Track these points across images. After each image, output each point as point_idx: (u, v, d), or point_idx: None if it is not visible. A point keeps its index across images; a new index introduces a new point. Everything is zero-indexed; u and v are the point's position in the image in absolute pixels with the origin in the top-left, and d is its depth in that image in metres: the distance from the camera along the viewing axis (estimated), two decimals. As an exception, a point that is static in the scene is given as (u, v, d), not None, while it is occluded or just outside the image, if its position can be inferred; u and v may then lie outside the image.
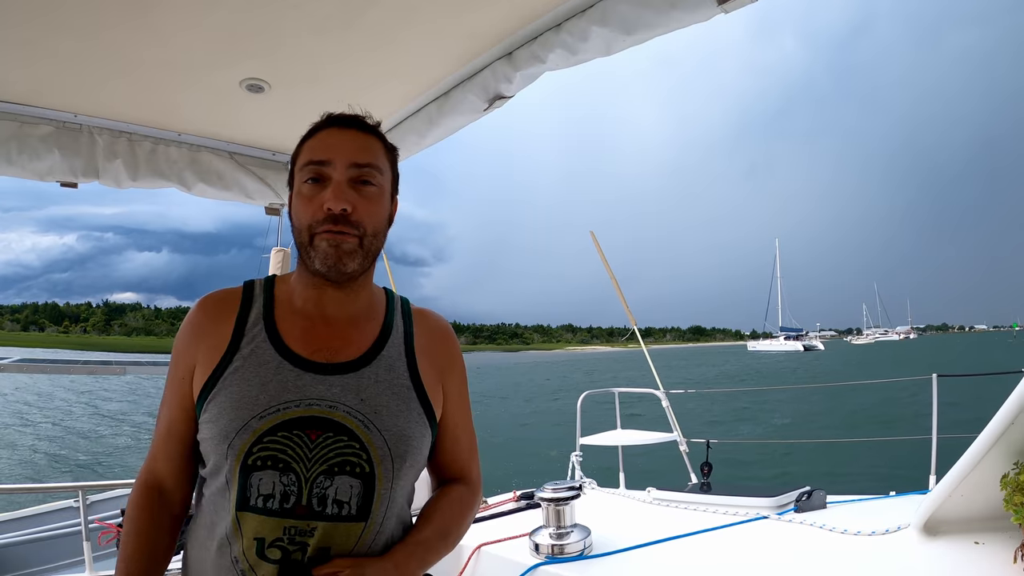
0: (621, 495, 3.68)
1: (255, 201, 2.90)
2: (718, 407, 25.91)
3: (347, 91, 2.34)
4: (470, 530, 3.18)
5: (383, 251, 1.43)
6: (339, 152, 1.33)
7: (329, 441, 1.24)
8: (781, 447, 14.90)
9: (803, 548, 2.39)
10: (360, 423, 1.27)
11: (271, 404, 1.24)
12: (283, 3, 1.81)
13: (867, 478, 10.99)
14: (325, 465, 1.24)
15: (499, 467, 14.90)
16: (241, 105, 2.44)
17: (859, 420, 19.15)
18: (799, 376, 44.83)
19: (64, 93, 2.30)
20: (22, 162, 2.38)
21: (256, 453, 1.22)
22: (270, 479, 1.22)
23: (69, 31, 1.91)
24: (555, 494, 2.59)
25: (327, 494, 1.23)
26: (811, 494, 2.93)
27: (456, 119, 2.31)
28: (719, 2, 1.61)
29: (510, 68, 2.04)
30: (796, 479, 3.45)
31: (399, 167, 1.50)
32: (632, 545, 2.57)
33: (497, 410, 31.50)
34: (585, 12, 1.82)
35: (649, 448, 5.76)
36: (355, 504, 1.25)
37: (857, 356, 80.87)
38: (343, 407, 1.27)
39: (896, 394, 21.76)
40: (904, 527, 2.32)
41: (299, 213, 1.32)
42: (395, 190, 1.46)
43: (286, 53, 2.07)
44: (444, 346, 1.51)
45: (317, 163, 1.33)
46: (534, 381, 54.58)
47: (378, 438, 1.28)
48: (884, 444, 11.38)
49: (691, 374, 54.98)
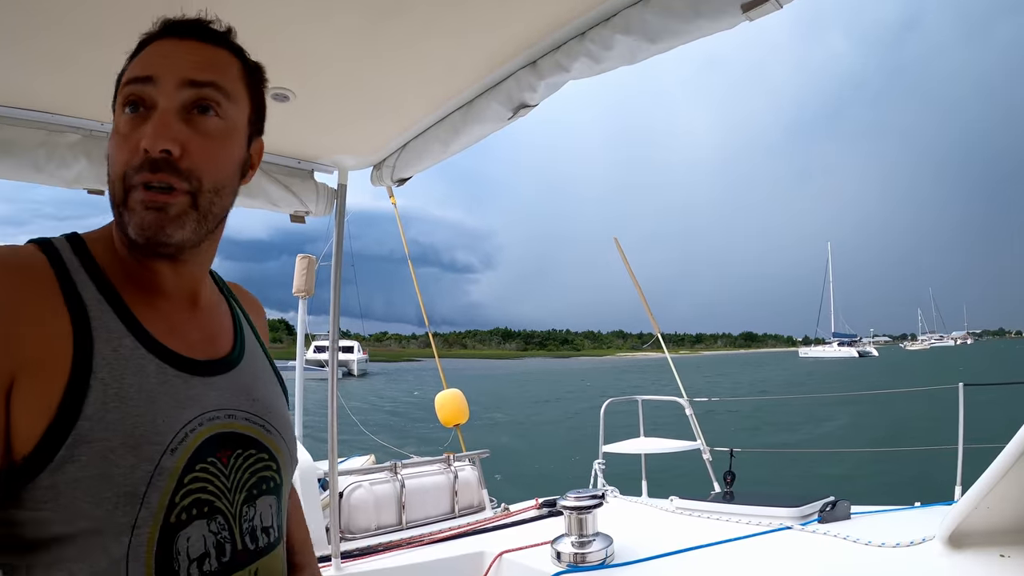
0: (644, 503, 3.68)
1: (280, 209, 2.91)
2: (768, 415, 25.63)
3: (371, 99, 2.35)
4: (492, 537, 3.20)
5: (408, 255, 1.27)
6: (168, 67, 0.95)
7: (240, 460, 0.97)
8: (806, 456, 14.77)
9: (827, 559, 2.38)
10: (261, 428, 1.02)
11: (176, 429, 0.89)
12: (310, 14, 1.82)
13: (891, 488, 10.88)
14: (245, 492, 0.96)
15: (526, 471, 14.93)
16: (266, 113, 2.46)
17: (905, 429, 18.86)
18: (861, 384, 44.18)
19: (91, 102, 2.32)
20: (50, 169, 2.40)
21: (180, 503, 0.87)
22: (199, 533, 0.88)
23: (97, 41, 1.93)
24: (578, 502, 2.59)
25: (255, 525, 0.97)
26: (835, 504, 2.91)
27: (480, 128, 2.31)
28: (744, 10, 1.60)
29: (534, 77, 2.04)
30: (820, 489, 3.43)
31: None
32: (655, 554, 2.56)
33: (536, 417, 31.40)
34: (609, 20, 1.82)
35: (672, 456, 5.75)
36: (276, 525, 1.02)
37: (914, 362, 79.48)
38: (242, 414, 1.00)
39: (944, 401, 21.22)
40: (929, 539, 2.30)
41: (112, 156, 0.96)
42: (256, 128, 1.12)
43: (312, 63, 2.09)
44: (263, 320, 1.29)
45: (137, 81, 0.95)
46: (575, 386, 54.52)
47: (279, 440, 1.05)
48: (909, 454, 11.25)
49: (745, 378, 54.88)
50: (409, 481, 3.94)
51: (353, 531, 3.63)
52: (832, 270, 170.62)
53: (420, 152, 2.62)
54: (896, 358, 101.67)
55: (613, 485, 4.34)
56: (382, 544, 3.22)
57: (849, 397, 30.20)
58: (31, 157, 2.37)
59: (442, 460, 4.32)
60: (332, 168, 2.99)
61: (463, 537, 3.28)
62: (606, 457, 5.18)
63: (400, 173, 2.78)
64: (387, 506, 3.81)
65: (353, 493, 3.71)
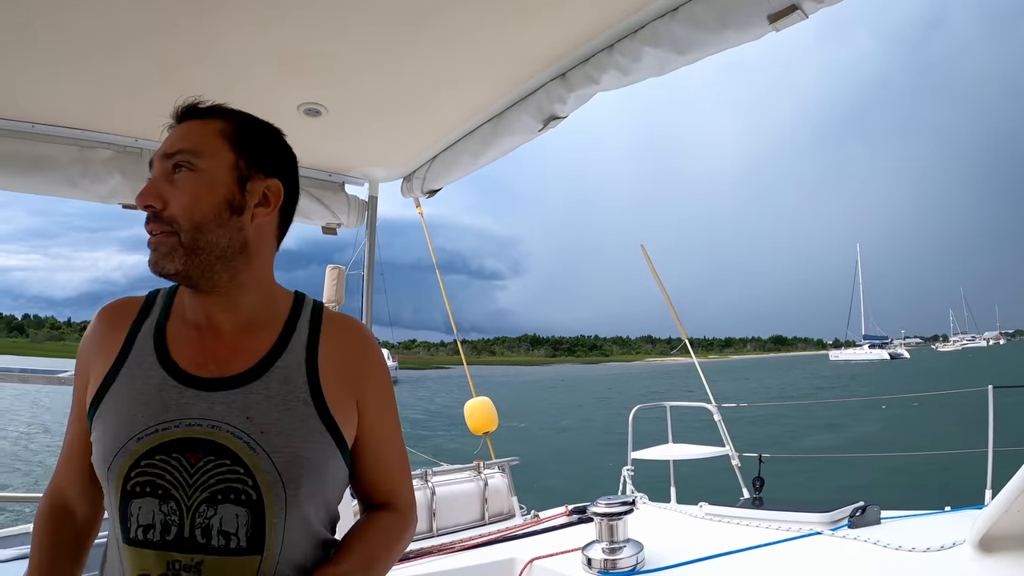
0: (673, 510, 3.68)
1: (312, 221, 2.96)
2: (798, 420, 25.40)
3: (402, 113, 2.39)
4: (522, 543, 3.21)
5: (435, 263, 1.34)
6: (160, 150, 1.23)
7: (210, 466, 1.11)
8: (835, 461, 14.63)
9: (857, 565, 2.38)
10: (246, 445, 1.13)
11: (149, 424, 1.13)
12: (342, 30, 1.86)
13: (921, 493, 10.76)
14: (207, 492, 1.11)
15: (552, 478, 14.89)
16: (298, 128, 2.50)
17: (936, 432, 18.63)
18: (892, 387, 43.56)
19: (124, 119, 2.37)
20: (84, 184, 2.46)
21: (134, 478, 1.11)
22: (149, 507, 1.11)
23: (129, 59, 1.99)
24: (608, 508, 2.60)
25: (211, 524, 1.10)
26: (865, 509, 2.90)
27: (510, 139, 2.33)
28: (770, 21, 1.62)
29: (564, 89, 2.07)
30: (850, 494, 3.41)
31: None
32: (685, 560, 2.57)
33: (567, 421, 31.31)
34: (637, 33, 1.85)
35: (700, 462, 5.73)
36: (244, 535, 1.11)
37: (946, 364, 78.17)
38: (227, 427, 1.13)
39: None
40: (959, 543, 2.29)
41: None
42: (251, 170, 1.27)
43: (344, 78, 2.13)
44: (359, 353, 1.33)
45: (151, 167, 1.23)
46: (603, 393, 54.32)
47: (265, 461, 1.13)
48: (939, 457, 11.13)
49: (774, 382, 54.48)
50: (440, 488, 3.96)
51: (384, 538, 3.65)
52: (862, 272, 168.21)
53: (450, 164, 2.66)
54: (928, 360, 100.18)
55: (641, 491, 4.35)
56: (413, 551, 3.25)
57: (880, 400, 29.83)
58: (66, 173, 2.43)
59: (472, 468, 4.34)
60: (363, 180, 3.04)
61: (493, 544, 3.30)
62: (634, 463, 5.18)
63: (430, 185, 2.82)
64: (418, 513, 3.83)
65: (384, 500, 3.72)
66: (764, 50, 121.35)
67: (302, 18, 1.82)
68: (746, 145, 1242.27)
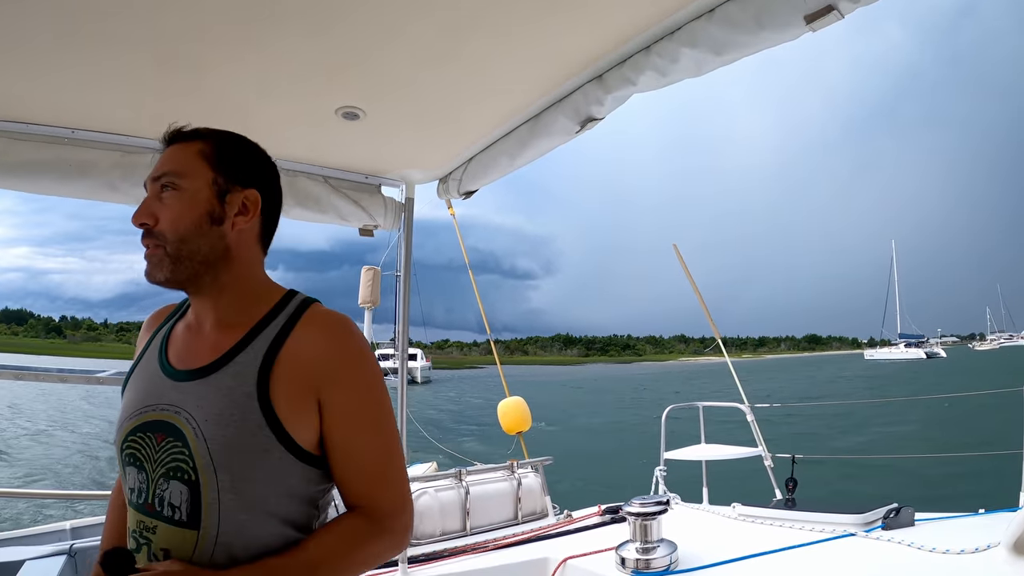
0: (706, 510, 3.68)
1: (349, 223, 2.99)
2: (832, 420, 25.15)
3: (439, 116, 2.41)
4: (556, 543, 3.23)
5: (468, 263, 1.40)
6: (150, 173, 1.40)
7: (168, 445, 1.28)
8: (869, 462, 14.49)
9: (891, 566, 2.37)
10: (192, 430, 1.27)
11: (138, 407, 1.36)
12: (381, 35, 1.89)
13: (956, 494, 10.62)
14: (164, 468, 1.28)
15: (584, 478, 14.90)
16: (336, 132, 2.53)
17: (973, 433, 18.36)
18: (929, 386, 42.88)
19: (165, 124, 2.43)
20: (125, 189, 2.50)
21: (125, 450, 1.34)
22: (133, 475, 1.33)
23: (170, 67, 2.03)
24: (643, 508, 2.61)
25: (164, 496, 1.28)
26: (899, 511, 2.89)
27: (548, 141, 2.35)
28: (807, 21, 1.63)
29: (601, 91, 2.08)
30: (884, 495, 3.40)
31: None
32: (718, 561, 2.57)
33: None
34: (674, 34, 1.85)
35: (732, 463, 5.70)
36: (184, 510, 1.26)
37: (984, 363, 76.56)
38: (184, 413, 1.29)
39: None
40: (994, 545, 2.28)
41: None
42: (225, 184, 1.40)
43: (382, 82, 2.15)
44: (325, 351, 1.35)
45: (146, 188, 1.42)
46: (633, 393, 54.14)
47: (202, 446, 1.26)
48: (974, 459, 10.97)
49: (808, 382, 54.03)
50: (473, 488, 4.00)
51: (419, 537, 3.69)
52: (897, 269, 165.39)
53: (486, 165, 2.68)
54: (965, 359, 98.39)
55: (674, 492, 4.35)
56: (447, 549, 3.28)
57: (916, 401, 29.43)
58: (107, 178, 2.49)
59: (506, 467, 4.36)
60: (399, 182, 3.06)
61: (527, 543, 3.32)
62: (667, 464, 5.18)
63: (466, 186, 2.83)
64: (452, 512, 3.87)
65: (419, 499, 3.78)
66: (793, 44, 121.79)
67: (347, 28, 1.85)
68: (776, 140, 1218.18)
